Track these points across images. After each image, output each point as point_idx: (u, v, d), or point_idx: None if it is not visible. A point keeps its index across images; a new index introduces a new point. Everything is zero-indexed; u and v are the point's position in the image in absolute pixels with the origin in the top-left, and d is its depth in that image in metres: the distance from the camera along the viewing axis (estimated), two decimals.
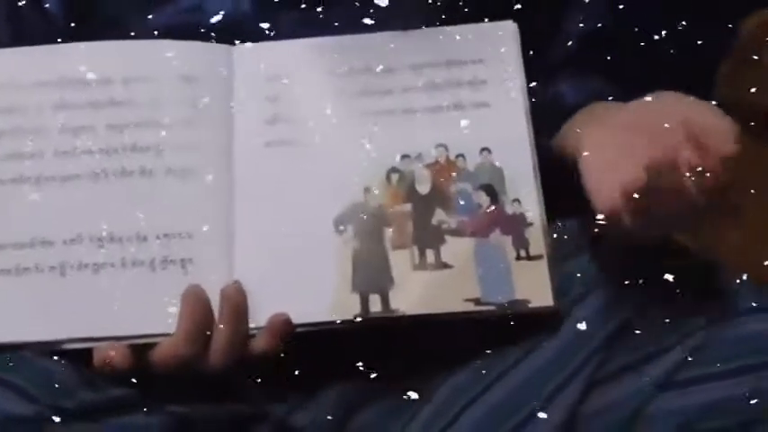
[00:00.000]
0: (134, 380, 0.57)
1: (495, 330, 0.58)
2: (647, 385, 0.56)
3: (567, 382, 0.56)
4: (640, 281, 0.58)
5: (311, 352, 0.59)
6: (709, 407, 0.55)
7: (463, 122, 0.61)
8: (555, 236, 0.59)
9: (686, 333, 0.57)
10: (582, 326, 0.58)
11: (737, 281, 0.59)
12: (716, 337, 0.57)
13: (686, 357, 0.56)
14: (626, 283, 0.58)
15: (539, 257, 0.57)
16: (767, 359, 0.56)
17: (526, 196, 0.59)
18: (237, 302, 0.56)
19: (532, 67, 0.63)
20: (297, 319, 0.57)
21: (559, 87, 0.66)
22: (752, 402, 0.55)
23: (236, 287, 0.57)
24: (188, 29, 0.63)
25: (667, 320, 0.57)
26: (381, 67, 0.62)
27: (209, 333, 0.56)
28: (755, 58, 0.90)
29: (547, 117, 0.62)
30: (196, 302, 0.56)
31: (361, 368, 0.60)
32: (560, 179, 0.60)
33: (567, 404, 0.56)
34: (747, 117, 0.93)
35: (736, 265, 0.63)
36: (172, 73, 0.62)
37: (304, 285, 0.58)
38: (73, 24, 0.66)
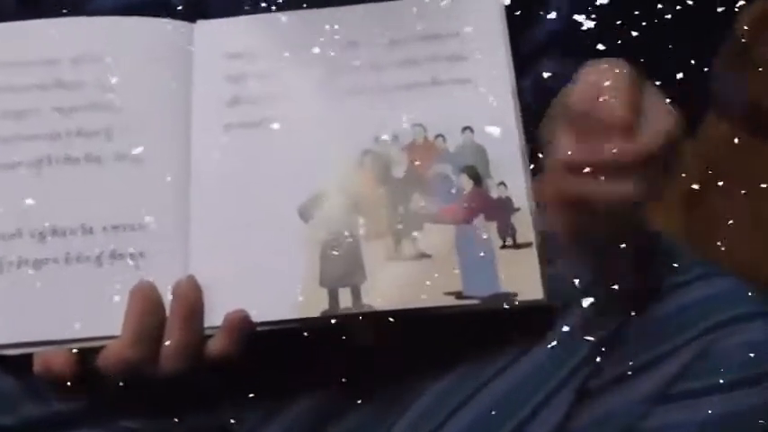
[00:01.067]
0: (80, 390, 0.51)
1: (478, 329, 0.52)
2: (640, 399, 0.51)
3: (555, 393, 0.51)
4: (629, 284, 0.52)
5: (281, 355, 0.53)
6: (710, 424, 0.50)
7: (442, 100, 0.55)
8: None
9: (684, 341, 0.52)
10: (571, 331, 0.53)
11: (743, 284, 0.54)
12: (717, 346, 0.51)
13: (684, 368, 0.51)
14: (617, 286, 0.53)
15: (527, 245, 0.52)
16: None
17: (513, 179, 0.53)
18: (191, 300, 0.51)
19: (514, 50, 0.58)
20: (258, 317, 0.51)
21: (543, 71, 0.61)
22: (759, 419, 0.50)
23: (189, 283, 0.51)
24: (151, 8, 0.58)
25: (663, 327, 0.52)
26: (351, 42, 0.57)
27: (160, 334, 0.50)
28: (752, 51, 0.87)
29: (534, 102, 0.57)
30: (145, 300, 0.51)
31: (336, 373, 0.55)
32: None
33: (554, 421, 0.50)
34: (743, 112, 0.91)
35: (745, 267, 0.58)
36: (125, 52, 0.57)
37: (266, 280, 0.52)
38: (24, 5, 0.62)
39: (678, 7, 0.59)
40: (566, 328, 0.53)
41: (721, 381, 0.50)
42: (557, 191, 0.48)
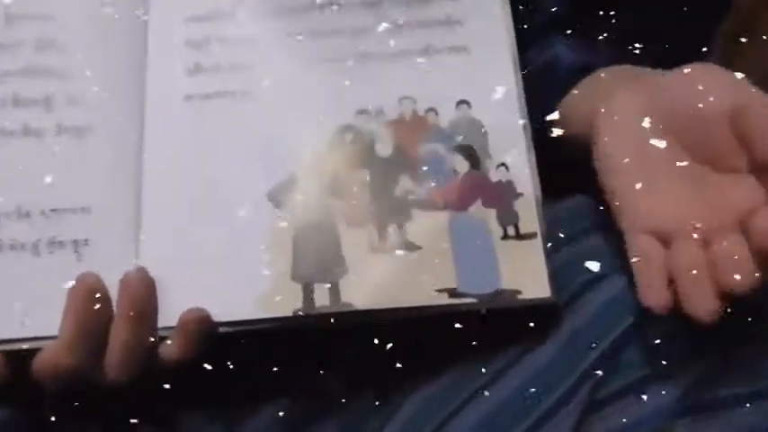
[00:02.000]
0: (13, 400, 0.45)
1: (474, 329, 0.46)
2: (659, 410, 0.45)
3: (563, 401, 0.45)
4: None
5: (249, 357, 0.46)
6: None
7: (434, 70, 0.49)
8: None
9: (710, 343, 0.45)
10: (581, 329, 0.46)
11: None
12: (749, 349, 0.45)
13: (709, 374, 0.45)
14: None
15: (531, 236, 0.45)
16: None
17: (515, 160, 0.47)
18: (141, 295, 0.44)
19: (522, 28, 0.52)
20: (220, 316, 0.44)
21: (555, 50, 0.55)
22: None
23: (139, 275, 0.44)
24: None
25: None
26: (330, 2, 0.50)
27: (104, 336, 0.43)
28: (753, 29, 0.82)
29: (541, 85, 0.51)
30: (88, 295, 0.43)
31: (312, 376, 0.48)
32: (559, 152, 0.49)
33: None
34: None
35: None
36: (71, 11, 0.50)
37: (231, 274, 0.45)
38: None
39: None
40: (573, 329, 0.46)
41: (754, 389, 0.44)
42: None
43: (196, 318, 0.43)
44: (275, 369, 0.48)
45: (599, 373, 0.45)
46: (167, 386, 0.45)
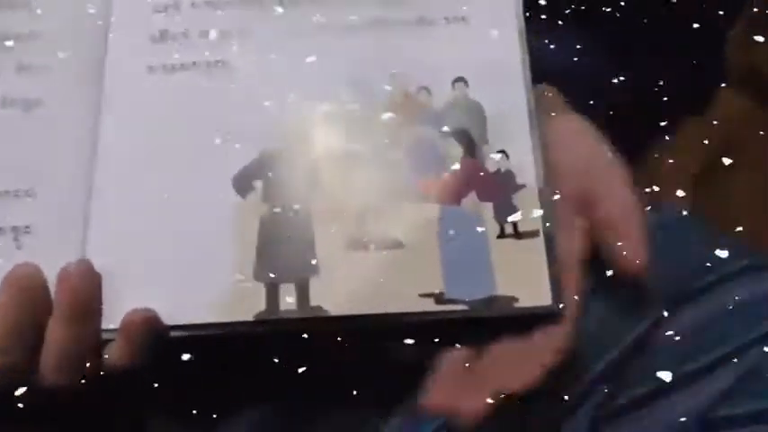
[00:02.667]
0: None
1: (463, 337, 0.40)
2: (672, 425, 0.40)
3: (568, 416, 0.39)
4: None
5: (215, 364, 0.41)
6: None
7: (429, 43, 0.43)
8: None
9: (727, 353, 0.41)
10: (589, 334, 0.41)
11: None
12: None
13: (728, 388, 0.40)
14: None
15: (533, 235, 0.39)
16: None
17: (517, 147, 0.41)
18: (82, 290, 0.38)
19: None
20: (173, 318, 0.39)
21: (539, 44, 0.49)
22: None
23: (81, 268, 0.39)
24: None
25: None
26: None
27: (41, 333, 0.38)
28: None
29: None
30: (24, 288, 0.38)
31: (285, 389, 0.43)
32: None
33: None
34: (757, 84, 0.83)
35: None
36: None
37: (187, 271, 0.39)
38: None
39: None
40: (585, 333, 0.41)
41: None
42: None
43: (141, 320, 0.38)
44: (251, 372, 0.43)
45: (606, 385, 0.40)
46: (137, 390, 0.40)
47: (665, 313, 0.42)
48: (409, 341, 0.39)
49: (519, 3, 0.43)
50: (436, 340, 0.39)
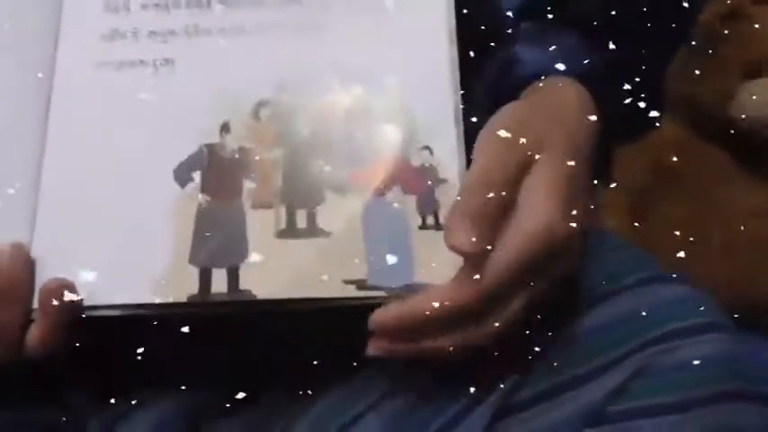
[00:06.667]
0: None
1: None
2: (570, 419, 0.42)
3: (469, 409, 0.42)
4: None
5: (141, 344, 0.43)
6: None
7: (361, 44, 0.45)
8: None
9: (622, 354, 0.43)
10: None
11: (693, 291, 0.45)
12: (659, 361, 0.42)
13: (622, 385, 0.42)
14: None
15: None
16: (721, 389, 0.42)
17: (441, 143, 0.43)
18: (12, 270, 0.40)
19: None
20: (108, 298, 0.41)
21: (517, 51, 0.51)
22: None
23: (14, 251, 0.41)
24: None
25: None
26: None
27: None
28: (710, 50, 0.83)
29: (502, 90, 0.48)
30: None
31: (220, 368, 0.45)
32: None
33: None
34: (693, 115, 0.85)
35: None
36: None
37: (125, 255, 0.42)
38: None
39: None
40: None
41: (663, 401, 0.41)
42: None
43: (57, 286, 0.40)
44: (177, 358, 0.45)
45: (507, 380, 0.42)
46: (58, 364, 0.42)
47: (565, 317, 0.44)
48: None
49: (451, 13, 0.45)
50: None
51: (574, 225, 0.40)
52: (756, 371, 0.43)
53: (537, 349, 0.42)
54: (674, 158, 0.85)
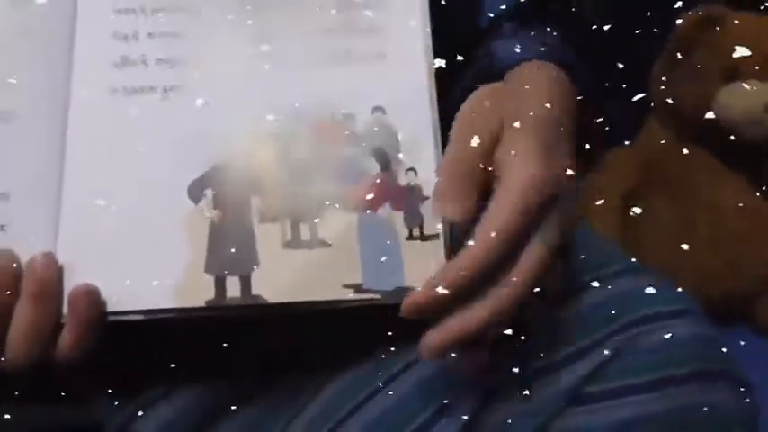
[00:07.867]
0: None
1: (381, 324, 0.48)
2: (551, 398, 0.48)
3: (461, 391, 0.47)
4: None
5: (161, 344, 0.48)
6: (619, 427, 0.47)
7: (353, 76, 0.51)
8: None
9: (599, 338, 0.48)
10: None
11: (665, 280, 0.51)
12: (634, 344, 0.48)
13: (599, 367, 0.47)
14: None
15: (434, 237, 0.48)
16: (693, 369, 0.47)
17: (423, 165, 0.49)
18: (45, 277, 0.45)
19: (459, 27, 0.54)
20: (131, 304, 0.46)
21: (492, 47, 0.56)
22: (670, 423, 0.46)
23: (45, 259, 0.45)
24: None
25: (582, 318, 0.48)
26: (253, 6, 0.52)
27: (9, 313, 0.44)
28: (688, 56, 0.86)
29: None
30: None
31: (220, 371, 0.51)
32: None
33: (458, 422, 0.46)
34: (677, 117, 0.90)
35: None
36: None
37: (144, 264, 0.47)
38: None
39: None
40: None
41: (637, 382, 0.47)
42: None
43: (85, 291, 0.44)
44: (181, 360, 0.50)
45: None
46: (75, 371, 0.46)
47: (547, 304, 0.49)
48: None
49: (428, 43, 0.51)
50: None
51: (555, 173, 0.43)
52: (726, 353, 0.48)
53: (519, 336, 0.46)
54: (661, 160, 0.88)
